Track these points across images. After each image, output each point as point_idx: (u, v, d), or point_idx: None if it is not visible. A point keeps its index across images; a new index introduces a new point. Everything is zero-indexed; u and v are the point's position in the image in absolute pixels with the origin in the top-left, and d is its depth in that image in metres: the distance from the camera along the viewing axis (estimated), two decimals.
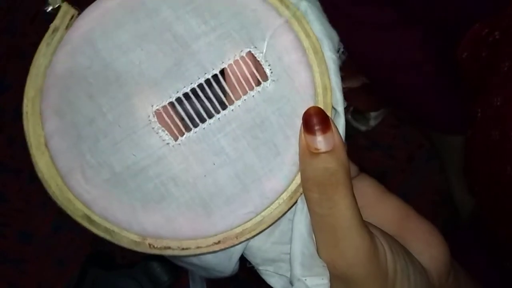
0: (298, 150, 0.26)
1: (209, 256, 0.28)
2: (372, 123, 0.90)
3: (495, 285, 0.58)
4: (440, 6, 0.59)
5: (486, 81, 0.53)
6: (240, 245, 0.27)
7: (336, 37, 0.28)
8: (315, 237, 0.26)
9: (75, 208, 0.26)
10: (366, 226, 0.26)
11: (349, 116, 0.89)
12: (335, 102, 0.27)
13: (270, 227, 0.27)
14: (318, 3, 0.28)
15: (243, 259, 0.29)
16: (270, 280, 0.28)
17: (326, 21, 0.28)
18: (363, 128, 0.90)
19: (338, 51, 0.28)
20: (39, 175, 0.26)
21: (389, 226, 0.29)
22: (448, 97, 0.70)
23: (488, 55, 0.55)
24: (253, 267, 0.29)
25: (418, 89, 0.71)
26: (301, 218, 0.27)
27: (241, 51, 0.26)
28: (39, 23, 0.94)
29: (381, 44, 0.66)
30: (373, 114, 0.89)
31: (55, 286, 0.88)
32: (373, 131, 0.91)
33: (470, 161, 0.58)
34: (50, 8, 0.27)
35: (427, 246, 0.29)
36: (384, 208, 0.30)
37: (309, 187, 0.25)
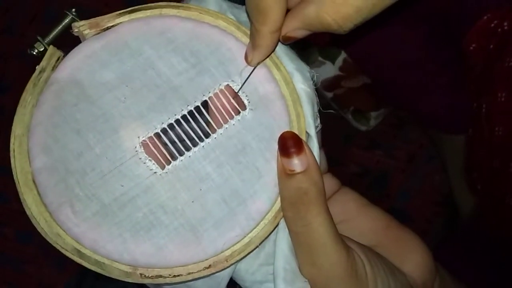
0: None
1: (199, 283, 0.28)
2: (372, 123, 0.90)
3: (495, 285, 0.58)
4: (443, 2, 0.59)
5: (492, 74, 0.53)
6: (228, 270, 0.28)
7: (305, 69, 0.30)
8: (295, 254, 0.28)
9: (64, 243, 0.26)
10: (342, 241, 0.27)
11: (350, 116, 0.89)
12: (308, 127, 0.29)
13: (256, 250, 0.28)
14: None
15: (232, 283, 0.29)
16: None
17: (295, 56, 0.30)
18: (363, 128, 0.90)
19: (312, 79, 0.30)
20: (28, 212, 0.26)
21: (372, 237, 0.30)
22: (449, 96, 0.70)
23: (496, 47, 0.54)
24: None
25: (420, 88, 0.71)
26: (283, 236, 0.28)
27: (220, 84, 0.28)
28: (39, 23, 0.94)
29: (383, 42, 0.66)
30: (373, 114, 0.89)
31: (55, 286, 0.88)
32: (373, 131, 0.91)
33: (472, 159, 0.58)
34: (35, 51, 0.29)
35: (410, 253, 0.30)
36: (366, 220, 0.31)
37: (285, 207, 0.27)
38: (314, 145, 0.29)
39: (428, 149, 0.91)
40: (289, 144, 0.27)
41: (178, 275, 0.27)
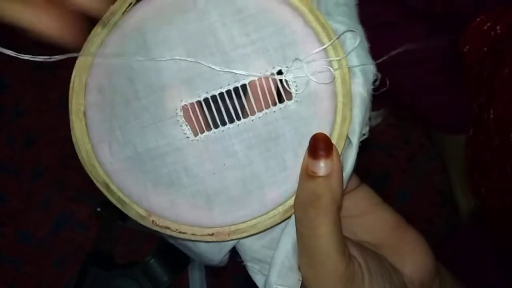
0: None
1: (203, 244, 0.30)
2: (372, 123, 0.90)
3: (495, 285, 0.58)
4: (441, 2, 0.59)
5: (493, 77, 0.53)
6: (231, 241, 0.30)
7: (371, 70, 0.29)
8: (298, 251, 0.28)
9: (97, 174, 0.29)
10: (345, 251, 0.27)
11: None
12: (351, 133, 0.28)
13: (263, 232, 0.29)
14: (362, 32, 0.29)
15: (233, 253, 0.31)
16: (255, 277, 0.31)
17: (364, 53, 0.29)
18: None
19: (374, 82, 0.29)
20: (74, 139, 0.29)
21: (378, 235, 0.31)
22: (449, 95, 0.70)
23: (490, 50, 0.54)
24: (242, 261, 0.31)
25: (419, 88, 0.71)
26: (290, 232, 0.28)
27: (273, 67, 0.28)
28: None
29: (383, 41, 0.66)
30: (373, 114, 0.89)
31: (55, 286, 0.88)
32: (373, 131, 0.91)
33: (474, 162, 0.58)
34: None
35: (412, 254, 0.30)
36: (376, 218, 0.31)
37: (296, 205, 0.27)
38: (352, 154, 0.28)
39: (428, 149, 0.91)
40: (319, 146, 0.26)
41: (184, 233, 0.29)
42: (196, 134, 0.28)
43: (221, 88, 0.28)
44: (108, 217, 0.85)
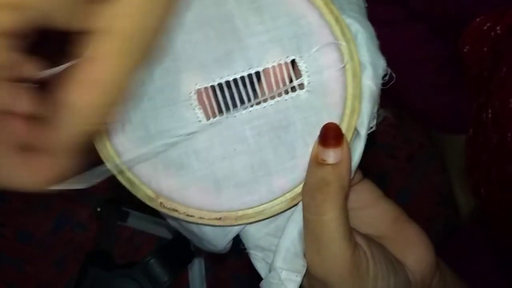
0: None
1: (208, 229, 0.30)
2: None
3: (496, 285, 0.58)
4: (442, 2, 0.59)
5: (492, 77, 0.53)
6: (236, 227, 0.30)
7: (381, 65, 0.29)
8: (304, 239, 0.28)
9: (108, 154, 0.29)
10: (351, 238, 0.27)
11: None
12: (360, 125, 0.29)
13: (268, 220, 0.30)
14: (371, 30, 0.29)
15: (238, 242, 0.31)
16: (257, 264, 0.31)
17: (375, 48, 0.29)
18: None
19: (383, 77, 0.29)
20: None
21: (380, 227, 0.31)
22: (449, 95, 0.70)
23: (490, 50, 0.54)
24: (245, 249, 0.31)
25: (419, 87, 0.71)
26: (297, 218, 0.29)
27: (287, 57, 0.29)
28: None
29: (383, 41, 0.66)
30: None
31: (55, 286, 0.88)
32: (373, 131, 0.91)
33: (475, 163, 0.58)
34: None
35: (413, 247, 0.31)
36: (377, 210, 0.32)
37: (305, 192, 0.28)
38: (360, 145, 0.29)
39: (428, 149, 0.91)
40: (330, 134, 0.27)
41: (191, 216, 0.29)
42: (208, 118, 0.29)
43: (235, 74, 0.28)
44: (108, 217, 0.85)
